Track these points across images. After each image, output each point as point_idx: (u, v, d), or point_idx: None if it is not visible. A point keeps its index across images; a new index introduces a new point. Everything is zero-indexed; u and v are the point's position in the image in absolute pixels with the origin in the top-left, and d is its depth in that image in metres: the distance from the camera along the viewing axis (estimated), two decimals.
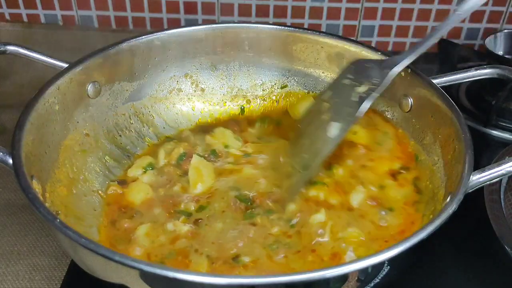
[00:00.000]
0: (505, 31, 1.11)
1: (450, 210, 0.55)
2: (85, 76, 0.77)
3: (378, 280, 0.54)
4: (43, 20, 1.24)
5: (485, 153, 0.95)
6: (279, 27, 0.89)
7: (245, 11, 1.21)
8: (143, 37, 0.83)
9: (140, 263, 0.48)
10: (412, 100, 0.78)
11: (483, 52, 1.08)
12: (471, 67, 0.77)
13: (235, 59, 0.92)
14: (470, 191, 0.59)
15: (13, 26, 1.22)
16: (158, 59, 0.87)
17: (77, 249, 0.53)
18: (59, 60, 0.76)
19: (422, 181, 0.74)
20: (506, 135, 0.99)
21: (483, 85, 1.07)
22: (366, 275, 0.53)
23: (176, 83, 0.91)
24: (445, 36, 1.26)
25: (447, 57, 1.20)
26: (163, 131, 0.89)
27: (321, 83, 0.91)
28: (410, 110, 0.79)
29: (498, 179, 0.61)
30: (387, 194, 0.73)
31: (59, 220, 0.52)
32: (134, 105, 0.87)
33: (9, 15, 1.23)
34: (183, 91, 0.92)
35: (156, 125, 0.89)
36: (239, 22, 1.09)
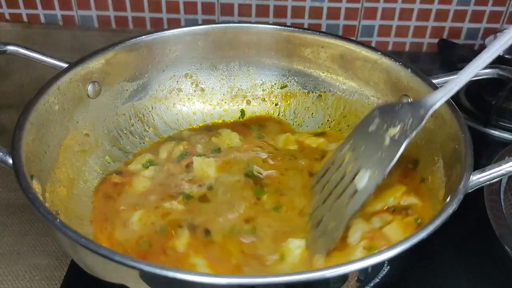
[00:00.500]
0: (505, 31, 1.11)
1: (450, 210, 0.55)
2: (85, 76, 0.77)
3: (378, 280, 0.54)
4: (43, 20, 1.24)
5: (485, 153, 0.95)
6: (279, 27, 0.89)
7: (245, 11, 1.22)
8: (143, 37, 0.83)
9: (140, 263, 0.48)
10: (412, 100, 0.78)
11: None
12: None
13: (235, 59, 0.92)
14: (470, 191, 0.59)
15: (13, 26, 1.22)
16: (158, 59, 0.87)
17: (77, 249, 0.53)
18: (59, 60, 0.76)
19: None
20: (506, 135, 0.99)
21: (483, 85, 1.07)
22: (366, 275, 0.53)
23: (176, 83, 0.91)
24: (445, 36, 1.26)
25: (447, 57, 1.20)
26: (163, 131, 0.89)
27: (321, 83, 0.91)
28: None
29: (498, 179, 0.61)
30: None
31: (59, 220, 0.52)
32: (134, 105, 0.87)
33: (9, 15, 1.23)
34: (183, 91, 0.92)
35: (156, 125, 0.89)
36: (239, 22, 1.09)
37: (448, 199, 0.58)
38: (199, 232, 0.68)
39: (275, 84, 0.94)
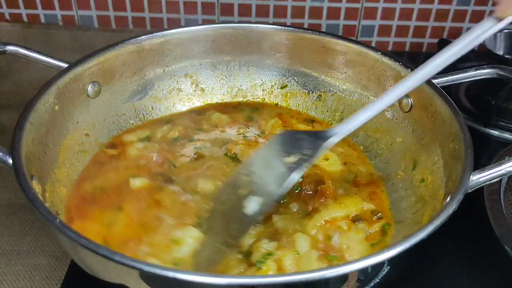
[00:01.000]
0: (505, 31, 1.11)
1: (450, 210, 0.55)
2: (85, 76, 0.77)
3: (378, 280, 0.54)
4: (43, 20, 1.24)
5: (485, 153, 0.95)
6: (279, 27, 0.89)
7: (245, 11, 1.22)
8: (143, 37, 0.83)
9: (140, 263, 0.48)
10: (412, 100, 0.78)
11: (483, 52, 1.08)
12: (471, 67, 0.77)
13: (235, 59, 0.92)
14: (470, 191, 0.59)
15: (13, 26, 1.22)
16: (158, 59, 0.87)
17: (77, 249, 0.53)
18: (59, 60, 0.76)
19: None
20: (506, 135, 0.99)
21: (483, 85, 1.07)
22: (366, 275, 0.53)
23: (176, 83, 0.91)
24: (445, 36, 1.26)
25: None
26: None
27: (321, 83, 0.91)
28: (410, 110, 0.79)
29: (498, 179, 0.61)
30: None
31: (59, 220, 0.52)
32: (134, 105, 0.87)
33: (9, 15, 1.23)
34: (183, 91, 0.92)
35: None
36: (239, 22, 1.09)
37: (448, 199, 0.58)
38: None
39: (275, 84, 0.94)
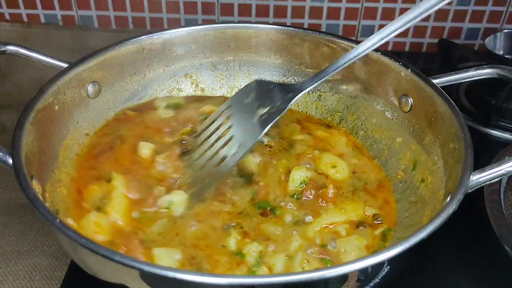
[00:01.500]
0: (505, 31, 1.11)
1: (450, 210, 0.55)
2: (85, 76, 0.77)
3: (378, 280, 0.54)
4: (43, 20, 1.24)
5: (485, 153, 0.95)
6: (279, 27, 0.89)
7: (245, 11, 1.22)
8: (143, 37, 0.83)
9: (140, 263, 0.48)
10: (412, 100, 0.78)
11: (483, 52, 1.08)
12: (471, 67, 0.76)
13: (235, 59, 0.92)
14: (470, 191, 0.59)
15: (13, 26, 1.22)
16: (158, 59, 0.87)
17: (77, 249, 0.53)
18: (59, 60, 0.76)
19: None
20: (506, 135, 0.99)
21: (483, 85, 1.07)
22: (366, 275, 0.53)
23: (176, 83, 0.91)
24: (445, 36, 1.26)
25: (447, 57, 1.20)
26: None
27: (321, 83, 0.91)
28: (410, 110, 0.79)
29: (498, 179, 0.61)
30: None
31: (59, 220, 0.52)
32: (134, 105, 0.87)
33: (9, 15, 1.23)
34: (183, 91, 0.92)
35: None
36: (239, 22, 1.09)
37: (448, 199, 0.58)
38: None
39: None
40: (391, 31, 0.70)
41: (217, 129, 0.75)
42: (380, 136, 0.84)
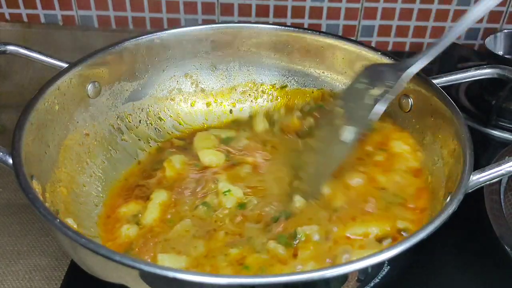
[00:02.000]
0: (505, 31, 1.11)
1: (450, 210, 0.55)
2: (85, 76, 0.77)
3: (378, 280, 0.54)
4: (43, 20, 1.24)
5: (485, 153, 0.95)
6: (279, 27, 0.89)
7: (245, 11, 1.22)
8: (143, 37, 0.83)
9: (140, 263, 0.48)
10: (412, 100, 0.78)
11: (483, 52, 1.08)
12: (471, 67, 0.76)
13: (235, 59, 0.92)
14: (470, 191, 0.59)
15: (13, 26, 1.22)
16: (158, 59, 0.87)
17: (77, 249, 0.53)
18: (59, 60, 0.76)
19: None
20: (506, 135, 0.99)
21: (483, 85, 1.07)
22: (366, 275, 0.53)
23: (176, 83, 0.91)
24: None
25: (447, 57, 1.20)
26: (163, 131, 0.89)
27: (321, 83, 0.91)
28: (410, 110, 0.79)
29: (498, 179, 0.61)
30: None
31: (59, 220, 0.52)
32: (134, 105, 0.87)
33: (9, 15, 1.23)
34: (183, 91, 0.92)
35: (156, 125, 0.89)
36: (239, 22, 1.09)
37: (448, 199, 0.58)
38: None
39: (275, 84, 0.94)
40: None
41: (329, 118, 0.76)
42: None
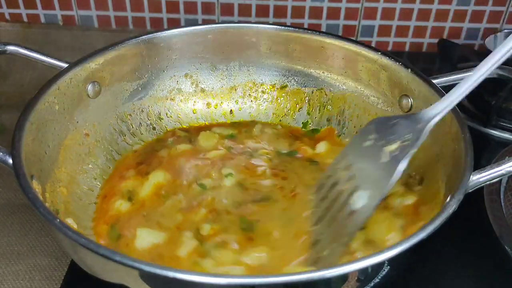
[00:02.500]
0: (505, 31, 1.11)
1: (450, 210, 0.55)
2: (85, 76, 0.77)
3: (378, 280, 0.54)
4: (43, 20, 1.24)
5: (485, 153, 0.95)
6: (279, 27, 0.89)
7: (245, 11, 1.21)
8: (143, 37, 0.83)
9: (140, 263, 0.48)
10: (412, 100, 0.78)
11: (483, 52, 1.08)
12: (471, 67, 0.76)
13: (235, 59, 0.92)
14: (470, 191, 0.59)
15: (13, 26, 1.22)
16: (158, 59, 0.87)
17: (77, 249, 0.53)
18: (59, 60, 0.76)
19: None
20: (506, 135, 0.99)
21: (483, 85, 1.07)
22: (366, 275, 0.53)
23: (176, 83, 0.91)
24: (445, 36, 1.26)
25: (447, 57, 1.20)
26: (163, 131, 0.89)
27: (321, 83, 0.91)
28: (410, 110, 0.79)
29: (498, 179, 0.61)
30: None
31: (59, 220, 0.52)
32: (134, 105, 0.87)
33: (9, 15, 1.23)
34: (183, 91, 0.92)
35: (156, 125, 0.89)
36: (239, 22, 1.09)
37: (448, 199, 0.58)
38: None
39: (275, 84, 0.94)
40: None
41: (333, 186, 0.65)
42: None
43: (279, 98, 0.94)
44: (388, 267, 0.52)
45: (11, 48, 0.76)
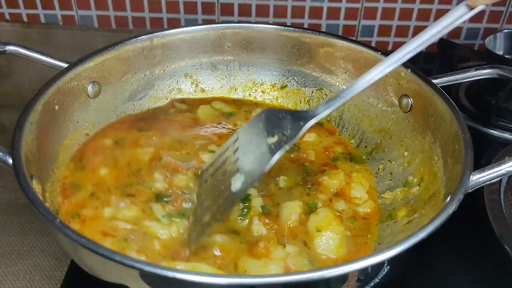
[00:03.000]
0: (505, 31, 1.11)
1: (450, 210, 0.55)
2: (85, 76, 0.77)
3: (378, 280, 0.54)
4: (43, 20, 1.24)
5: (485, 153, 0.95)
6: (279, 27, 0.89)
7: (245, 11, 1.22)
8: (143, 37, 0.83)
9: (140, 263, 0.48)
10: (412, 100, 0.78)
11: (483, 52, 1.08)
12: (471, 67, 0.77)
13: (235, 59, 0.92)
14: (470, 191, 0.59)
15: (13, 26, 1.22)
16: (158, 59, 0.87)
17: (77, 249, 0.53)
18: (59, 60, 0.76)
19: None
20: (506, 135, 0.99)
21: (483, 85, 1.07)
22: (366, 275, 0.53)
23: (176, 83, 0.91)
24: (445, 36, 1.26)
25: (447, 57, 1.20)
26: None
27: (321, 83, 0.91)
28: (410, 110, 0.79)
29: (498, 179, 0.61)
30: None
31: (59, 220, 0.52)
32: (134, 105, 0.87)
33: (9, 15, 1.23)
34: (183, 91, 0.92)
35: None
36: (239, 22, 1.09)
37: (448, 199, 0.58)
38: None
39: (275, 84, 0.94)
40: (412, 48, 0.63)
41: (223, 164, 0.69)
42: (379, 136, 0.84)
43: (279, 98, 0.94)
44: (388, 267, 0.52)
45: (11, 48, 0.76)
